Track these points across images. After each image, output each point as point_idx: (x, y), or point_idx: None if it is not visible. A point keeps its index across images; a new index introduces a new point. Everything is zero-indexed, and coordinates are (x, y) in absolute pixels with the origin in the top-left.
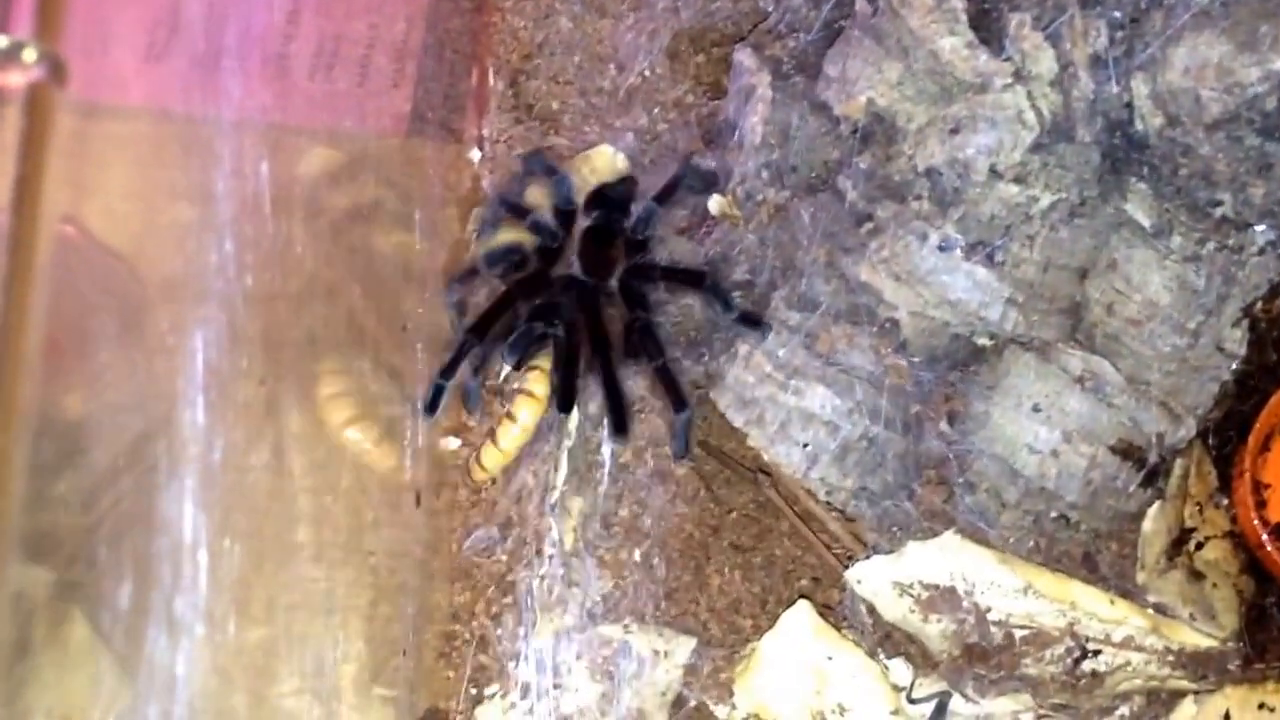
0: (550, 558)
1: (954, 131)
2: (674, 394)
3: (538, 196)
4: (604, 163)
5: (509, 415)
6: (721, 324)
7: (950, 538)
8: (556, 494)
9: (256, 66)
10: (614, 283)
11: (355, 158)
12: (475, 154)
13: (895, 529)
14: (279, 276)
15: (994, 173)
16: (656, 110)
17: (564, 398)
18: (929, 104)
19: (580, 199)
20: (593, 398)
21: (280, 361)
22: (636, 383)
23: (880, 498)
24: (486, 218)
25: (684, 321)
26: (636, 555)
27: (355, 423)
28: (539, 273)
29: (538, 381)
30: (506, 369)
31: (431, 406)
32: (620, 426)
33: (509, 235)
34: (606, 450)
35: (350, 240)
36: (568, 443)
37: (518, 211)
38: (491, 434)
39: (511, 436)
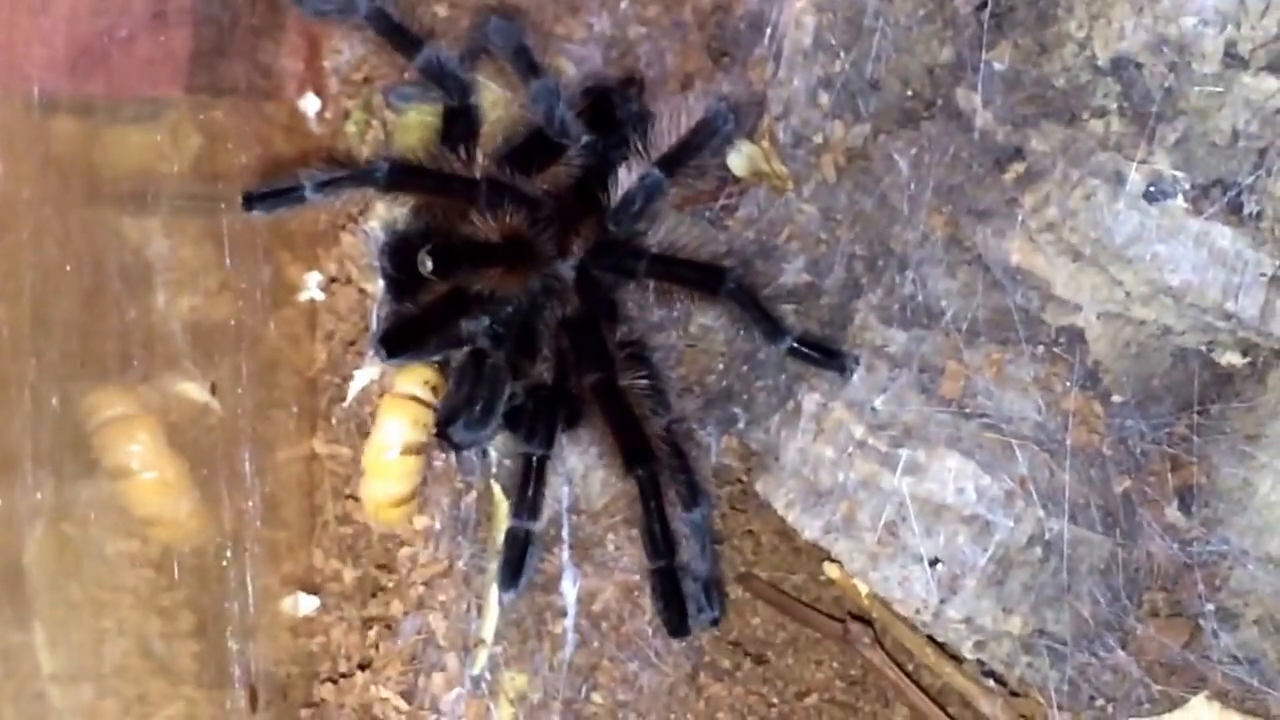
0: None
1: None
2: (684, 476)
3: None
4: None
5: (371, 441)
6: (768, 359)
7: (1201, 708)
8: (482, 658)
9: None
10: (569, 268)
11: (97, 141)
12: (310, 102)
13: (1101, 702)
14: None
15: (1232, 57)
16: (625, 4)
17: (525, 488)
18: None
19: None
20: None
21: None
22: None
23: (1071, 648)
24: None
25: (701, 353)
26: None
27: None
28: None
29: (412, 377)
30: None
31: None
32: (678, 623)
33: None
34: (570, 586)
35: (109, 294)
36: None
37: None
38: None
39: (386, 464)
